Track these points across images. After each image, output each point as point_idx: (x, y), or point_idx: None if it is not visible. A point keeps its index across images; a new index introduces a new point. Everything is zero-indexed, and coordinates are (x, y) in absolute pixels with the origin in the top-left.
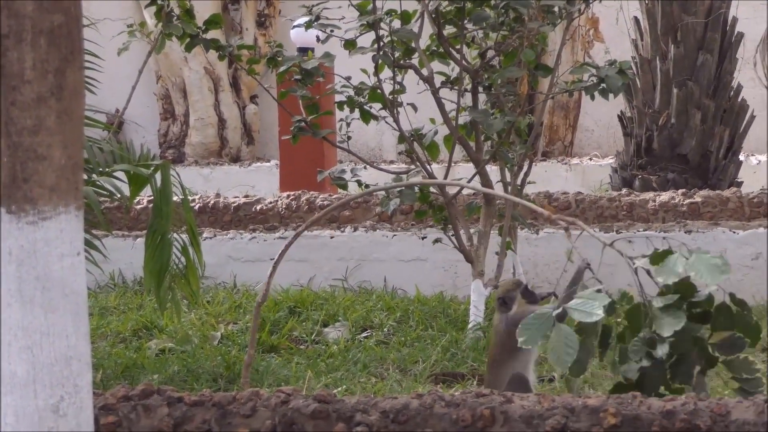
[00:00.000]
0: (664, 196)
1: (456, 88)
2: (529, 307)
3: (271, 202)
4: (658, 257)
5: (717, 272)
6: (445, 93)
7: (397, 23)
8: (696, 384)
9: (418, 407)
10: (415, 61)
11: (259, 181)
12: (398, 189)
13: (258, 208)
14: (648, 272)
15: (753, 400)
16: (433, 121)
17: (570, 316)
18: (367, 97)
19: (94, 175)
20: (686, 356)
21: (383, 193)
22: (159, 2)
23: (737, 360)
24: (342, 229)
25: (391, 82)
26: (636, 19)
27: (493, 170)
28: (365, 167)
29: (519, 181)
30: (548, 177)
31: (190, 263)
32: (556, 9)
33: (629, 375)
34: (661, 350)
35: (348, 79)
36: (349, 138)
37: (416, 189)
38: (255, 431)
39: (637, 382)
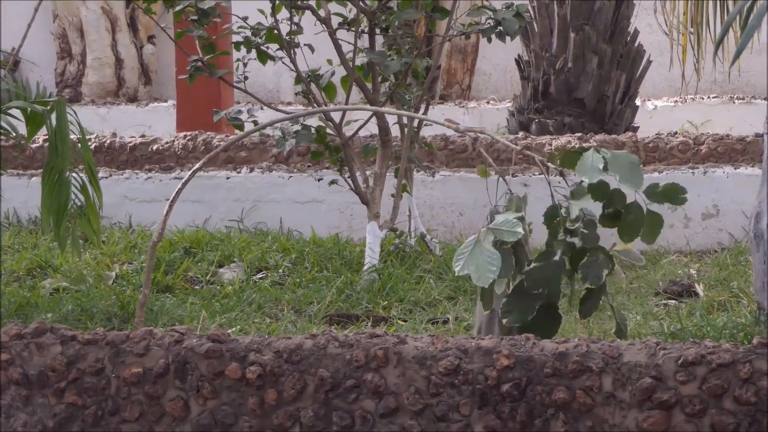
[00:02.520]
0: (561, 140)
1: (353, 29)
2: None
3: (167, 143)
4: (570, 156)
5: (637, 176)
6: (342, 34)
7: None
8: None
9: (311, 347)
10: (312, 2)
11: (156, 122)
12: (294, 129)
13: (154, 148)
14: (561, 173)
15: (645, 342)
16: (330, 62)
17: (496, 236)
18: (264, 38)
19: None
20: (596, 259)
21: (279, 133)
22: None
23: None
24: (238, 170)
25: (288, 23)
26: None
27: None
28: (262, 108)
29: (415, 124)
30: None
31: (89, 202)
32: None
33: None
34: (574, 238)
35: (245, 19)
36: (246, 78)
37: (312, 130)
38: (148, 370)
39: (528, 275)
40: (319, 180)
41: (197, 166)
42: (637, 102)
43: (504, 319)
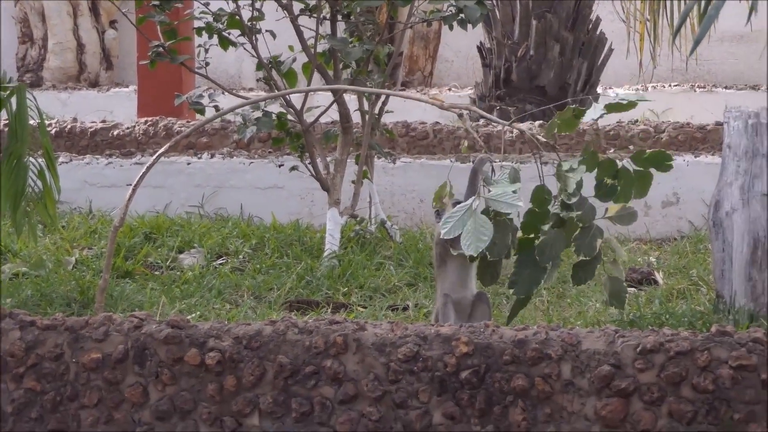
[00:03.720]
0: (522, 128)
1: (315, 15)
2: None
3: (128, 128)
4: (569, 122)
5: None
6: (304, 20)
7: None
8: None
9: (271, 333)
10: None
11: (117, 107)
12: (255, 116)
13: (115, 133)
14: (554, 147)
15: (604, 330)
16: (291, 48)
17: (492, 207)
18: (225, 24)
19: None
20: (590, 228)
21: (240, 120)
22: None
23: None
24: (199, 155)
25: (250, 8)
26: None
27: (351, 99)
28: (223, 94)
29: (377, 110)
30: (406, 107)
31: (47, 187)
32: None
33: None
34: (568, 215)
35: (206, 5)
36: (207, 64)
37: (273, 116)
38: (107, 356)
39: (539, 249)
40: (279, 166)
41: (161, 151)
42: (599, 90)
43: (511, 289)
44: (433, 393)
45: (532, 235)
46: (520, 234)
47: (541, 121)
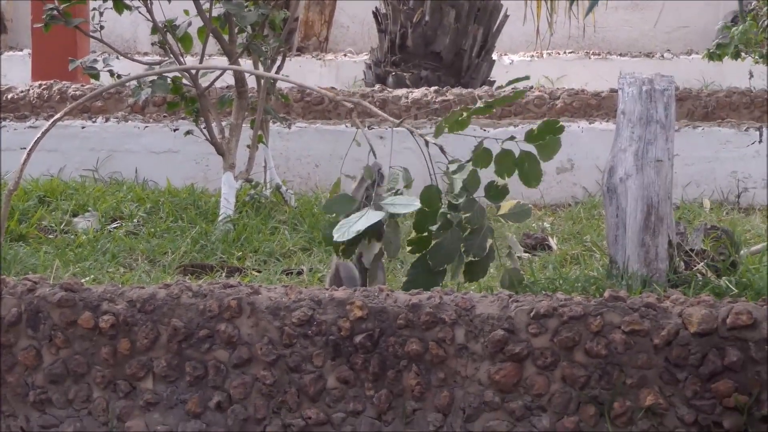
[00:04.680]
0: (417, 93)
1: None
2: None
3: (22, 91)
4: (460, 122)
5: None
6: None
7: None
8: (488, 256)
9: (165, 297)
10: None
11: (11, 71)
12: (150, 79)
13: (9, 97)
14: (441, 148)
15: (498, 295)
16: (187, 12)
17: (387, 211)
18: None
19: None
20: (480, 229)
21: (135, 83)
22: None
23: (514, 206)
24: (93, 119)
25: None
26: None
27: (247, 63)
28: (118, 58)
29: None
30: (303, 72)
31: None
32: None
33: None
34: (456, 216)
35: None
36: (102, 28)
37: (168, 80)
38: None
39: (431, 254)
40: (174, 130)
41: (57, 116)
42: (494, 56)
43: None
44: (327, 357)
45: (425, 234)
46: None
47: (436, 87)
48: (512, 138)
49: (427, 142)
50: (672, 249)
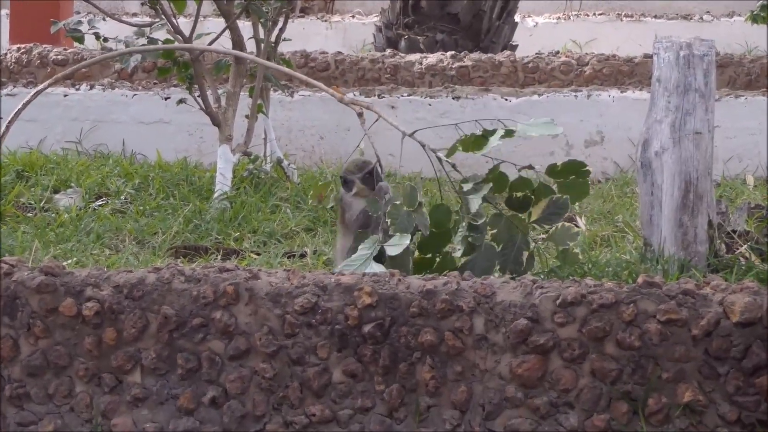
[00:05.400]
0: (432, 59)
1: None
2: (360, 197)
3: None
4: (476, 141)
5: (550, 128)
6: None
7: None
8: (526, 268)
9: (155, 282)
10: None
11: None
12: (140, 44)
13: None
14: (453, 166)
15: (521, 281)
16: None
17: (388, 253)
18: None
19: None
20: (512, 243)
21: (123, 47)
22: None
23: (559, 229)
24: (77, 86)
25: None
26: None
27: (245, 26)
28: (104, 19)
29: (273, 39)
30: (306, 35)
31: None
32: None
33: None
34: (478, 238)
35: None
36: None
37: (160, 44)
38: None
39: (486, 270)
40: (166, 99)
41: (43, 86)
42: (517, 18)
43: None
44: (333, 348)
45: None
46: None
47: (453, 52)
48: (530, 167)
49: (440, 159)
50: (712, 230)
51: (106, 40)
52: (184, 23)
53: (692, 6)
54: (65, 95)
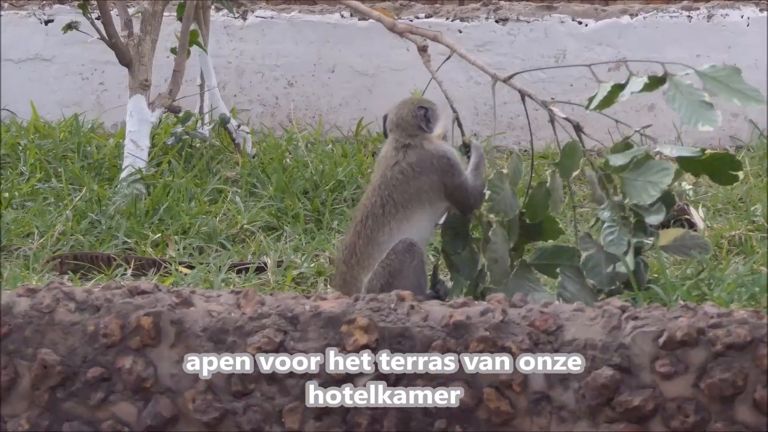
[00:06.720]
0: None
1: None
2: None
3: None
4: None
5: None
6: None
7: None
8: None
9: (28, 311)
10: None
11: None
12: None
13: None
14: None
15: (602, 306)
16: None
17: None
18: None
19: None
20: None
21: None
22: None
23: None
24: None
25: None
26: None
27: None
28: None
29: None
30: None
31: None
32: None
33: None
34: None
35: None
36: None
37: None
38: None
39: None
40: (47, 23)
41: None
42: None
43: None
44: (309, 415)
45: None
46: None
47: None
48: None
49: (578, 128)
50: None
51: None
52: None
53: None
54: None
